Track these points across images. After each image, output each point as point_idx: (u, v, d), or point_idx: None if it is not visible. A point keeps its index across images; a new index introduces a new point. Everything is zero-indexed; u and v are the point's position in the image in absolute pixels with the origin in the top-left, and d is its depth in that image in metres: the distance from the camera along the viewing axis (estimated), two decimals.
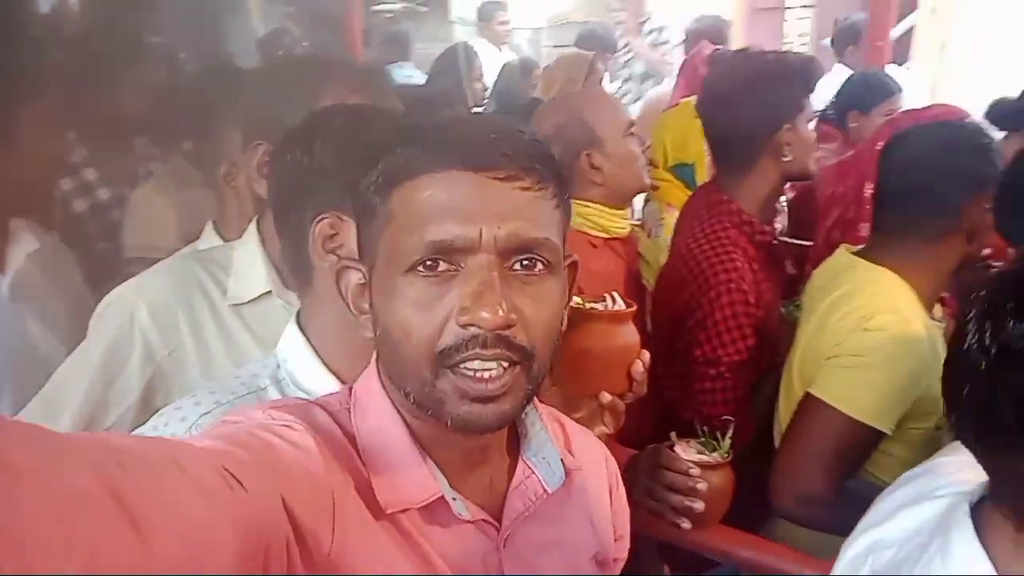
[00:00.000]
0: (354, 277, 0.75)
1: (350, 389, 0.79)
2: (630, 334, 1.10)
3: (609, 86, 4.48)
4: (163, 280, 1.26)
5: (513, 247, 0.68)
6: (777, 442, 1.55)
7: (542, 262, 0.70)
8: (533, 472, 0.82)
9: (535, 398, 0.92)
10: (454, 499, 0.74)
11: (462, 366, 0.67)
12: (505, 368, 0.68)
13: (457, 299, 0.67)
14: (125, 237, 1.99)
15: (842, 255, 1.56)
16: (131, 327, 1.21)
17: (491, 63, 4.46)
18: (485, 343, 0.66)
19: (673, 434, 1.31)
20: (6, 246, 1.49)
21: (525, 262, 0.69)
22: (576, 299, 1.08)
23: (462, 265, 0.68)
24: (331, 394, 0.79)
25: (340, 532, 0.66)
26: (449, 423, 0.69)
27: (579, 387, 1.09)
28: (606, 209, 1.74)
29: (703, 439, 1.30)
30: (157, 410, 0.97)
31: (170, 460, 0.52)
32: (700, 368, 1.65)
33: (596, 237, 1.75)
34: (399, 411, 0.75)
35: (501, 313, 0.66)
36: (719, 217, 1.72)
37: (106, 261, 2.03)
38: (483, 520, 0.76)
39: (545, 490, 0.82)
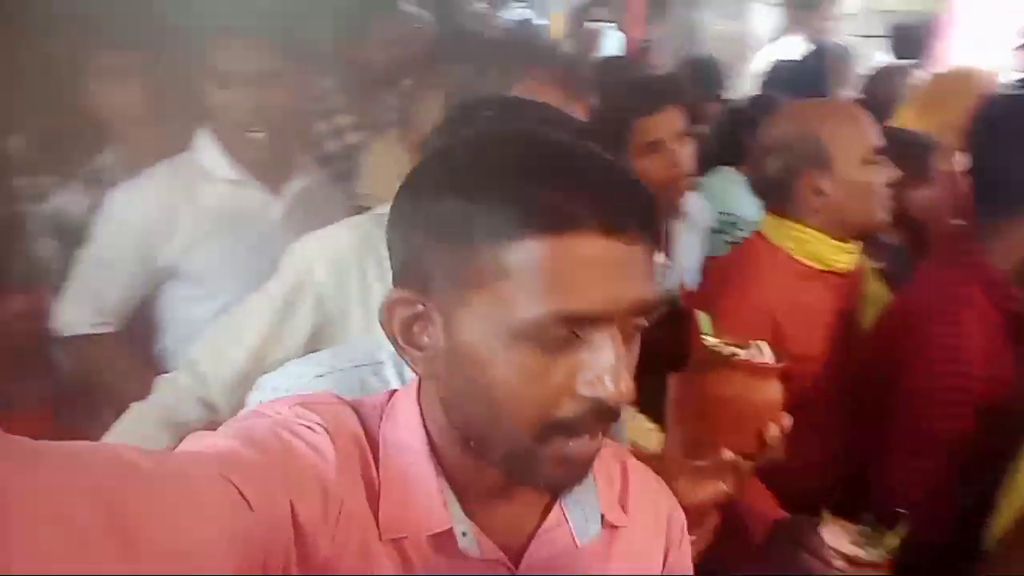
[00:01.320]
0: (404, 312, 0.67)
1: (391, 394, 0.76)
2: (771, 391, 0.98)
3: None
4: (345, 239, 1.31)
5: (638, 312, 0.64)
6: (987, 545, 1.31)
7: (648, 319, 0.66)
8: (567, 520, 0.76)
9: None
10: (464, 533, 0.70)
11: (573, 437, 0.64)
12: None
13: (578, 370, 0.63)
14: (358, 183, 2.14)
15: None
16: (309, 276, 1.29)
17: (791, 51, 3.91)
18: (605, 418, 0.64)
19: (825, 512, 1.15)
20: (287, 176, 1.66)
21: (638, 323, 0.65)
22: (715, 340, 0.98)
23: (583, 334, 0.63)
24: (372, 396, 0.77)
25: (340, 540, 0.64)
26: (540, 485, 0.68)
27: (702, 435, 0.99)
28: (824, 239, 1.55)
29: (866, 527, 1.12)
30: None
31: (176, 478, 0.52)
32: (899, 438, 1.43)
33: (808, 267, 1.57)
34: (428, 433, 0.71)
35: (626, 388, 0.62)
36: (960, 270, 1.46)
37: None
38: (497, 560, 0.72)
39: (575, 542, 0.75)
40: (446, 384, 0.68)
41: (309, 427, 0.66)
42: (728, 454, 0.96)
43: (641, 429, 1.51)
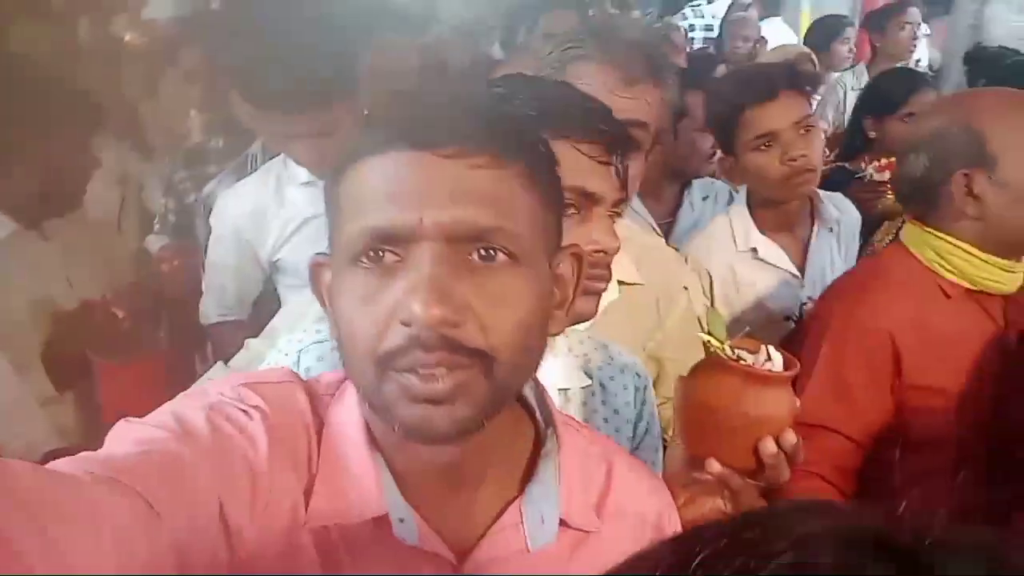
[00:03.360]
0: (327, 274, 0.69)
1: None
2: (771, 403, 0.85)
3: None
4: None
5: (463, 235, 0.59)
6: None
7: (503, 252, 0.60)
8: (522, 521, 0.69)
9: (587, 431, 0.79)
10: (402, 520, 0.66)
11: (405, 371, 0.60)
12: (450, 371, 0.59)
13: (400, 293, 0.59)
14: None
15: None
16: None
17: None
18: (427, 344, 0.58)
19: None
20: None
21: (483, 252, 0.60)
22: (716, 340, 0.86)
23: (403, 253, 0.60)
24: (331, 373, 0.75)
25: (264, 533, 0.63)
26: (398, 428, 0.62)
27: (693, 444, 0.90)
28: (977, 253, 1.31)
29: None
30: None
31: (73, 496, 0.51)
32: None
33: (953, 285, 1.33)
34: (365, 415, 0.69)
35: (437, 311, 0.57)
36: None
37: None
38: (437, 553, 0.66)
39: (527, 546, 0.69)
40: (337, 338, 0.67)
41: (245, 411, 0.65)
42: (715, 466, 0.85)
43: None
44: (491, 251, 0.60)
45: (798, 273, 1.72)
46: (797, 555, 0.32)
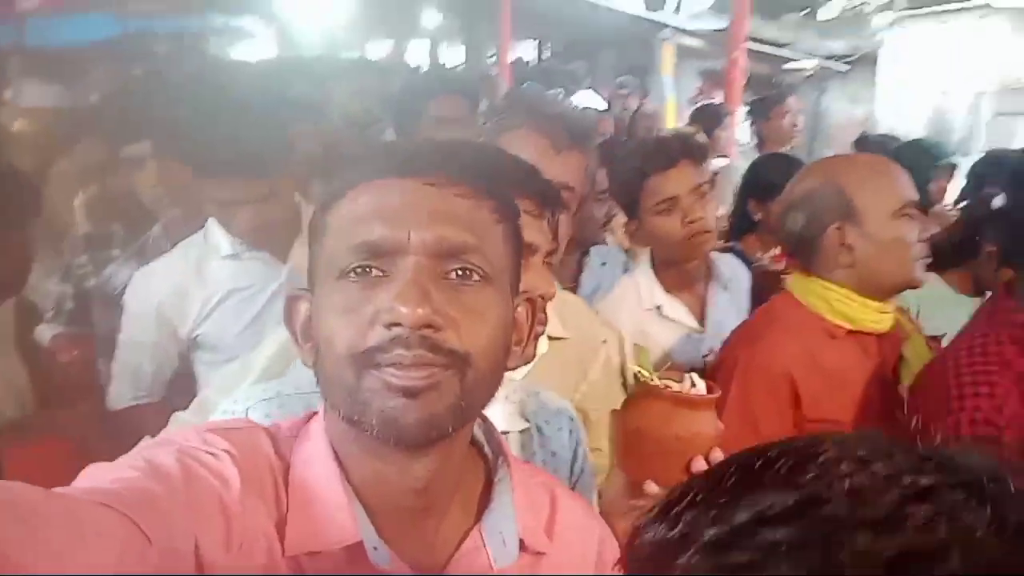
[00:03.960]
0: (303, 307, 0.73)
1: (310, 416, 0.78)
2: (700, 424, 0.93)
3: None
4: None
5: (444, 251, 0.66)
6: None
7: (478, 272, 0.67)
8: (484, 545, 0.74)
9: (528, 465, 0.85)
10: (375, 548, 0.69)
11: (385, 367, 0.64)
12: (428, 367, 0.64)
13: (384, 302, 0.65)
14: None
15: None
16: None
17: None
18: (408, 343, 0.63)
19: None
20: (289, 244, 1.75)
21: (460, 271, 0.67)
22: (645, 369, 0.95)
23: (388, 269, 0.66)
24: (291, 419, 0.79)
25: (241, 568, 0.64)
26: (375, 422, 0.65)
27: (631, 471, 0.96)
28: (855, 296, 1.47)
29: None
30: None
31: (67, 516, 0.52)
32: None
33: (836, 327, 1.49)
34: (335, 448, 0.72)
35: (421, 311, 0.63)
36: (996, 329, 1.34)
37: None
38: None
39: (491, 566, 0.73)
40: (315, 362, 0.71)
41: (213, 454, 0.67)
42: (653, 487, 0.92)
43: None
44: (467, 270, 0.67)
45: (700, 328, 1.85)
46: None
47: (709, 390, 0.96)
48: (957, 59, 7.33)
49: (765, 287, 1.94)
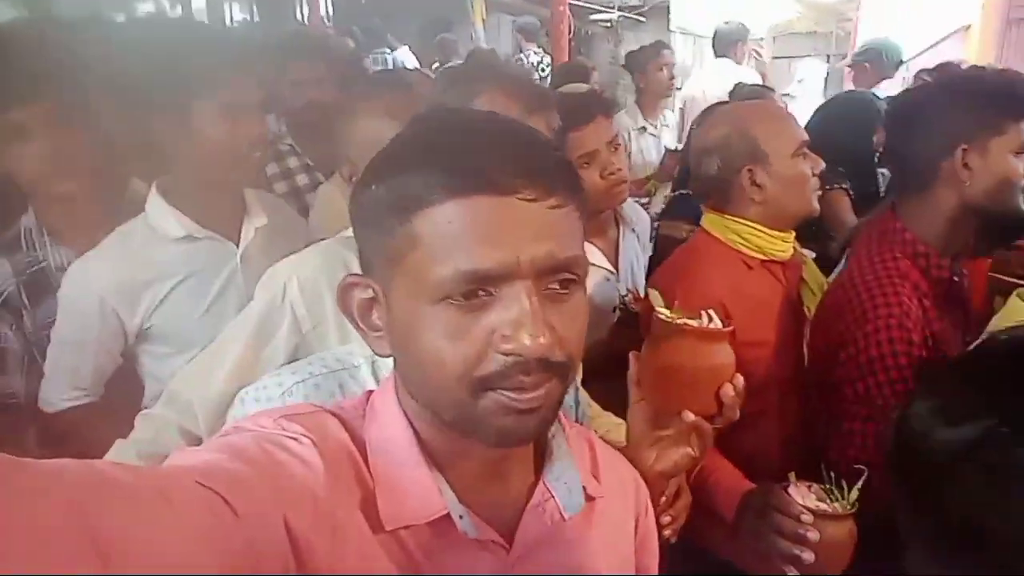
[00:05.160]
0: (362, 293, 0.74)
1: (368, 395, 0.79)
2: (722, 355, 1.04)
3: None
4: (314, 260, 1.35)
5: (549, 268, 0.67)
6: None
7: (576, 279, 0.70)
8: (552, 495, 0.79)
9: (563, 417, 0.88)
10: (461, 516, 0.72)
11: (503, 390, 0.67)
12: (542, 386, 0.67)
13: (494, 326, 0.66)
14: (310, 220, 2.16)
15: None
16: (283, 299, 1.31)
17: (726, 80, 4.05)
18: (527, 370, 0.66)
19: (791, 475, 1.21)
20: (240, 220, 1.65)
21: (560, 280, 0.69)
22: (667, 311, 1.04)
23: (495, 291, 0.66)
24: (350, 400, 0.80)
25: (338, 548, 0.66)
26: (491, 438, 0.68)
27: (663, 403, 1.05)
28: (765, 230, 1.65)
29: (827, 486, 1.19)
30: None
31: (157, 492, 0.53)
32: (851, 407, 1.51)
33: (752, 258, 1.66)
34: (411, 423, 0.74)
35: (543, 340, 0.65)
36: (890, 246, 1.57)
37: None
38: (492, 541, 0.74)
39: (562, 515, 0.79)
40: (396, 359, 0.73)
41: (295, 438, 0.68)
42: (690, 416, 1.02)
43: (611, 424, 1.56)
44: (568, 281, 0.69)
45: (613, 270, 1.98)
46: None
47: (724, 323, 1.07)
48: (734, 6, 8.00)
49: None
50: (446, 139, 0.68)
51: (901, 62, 4.04)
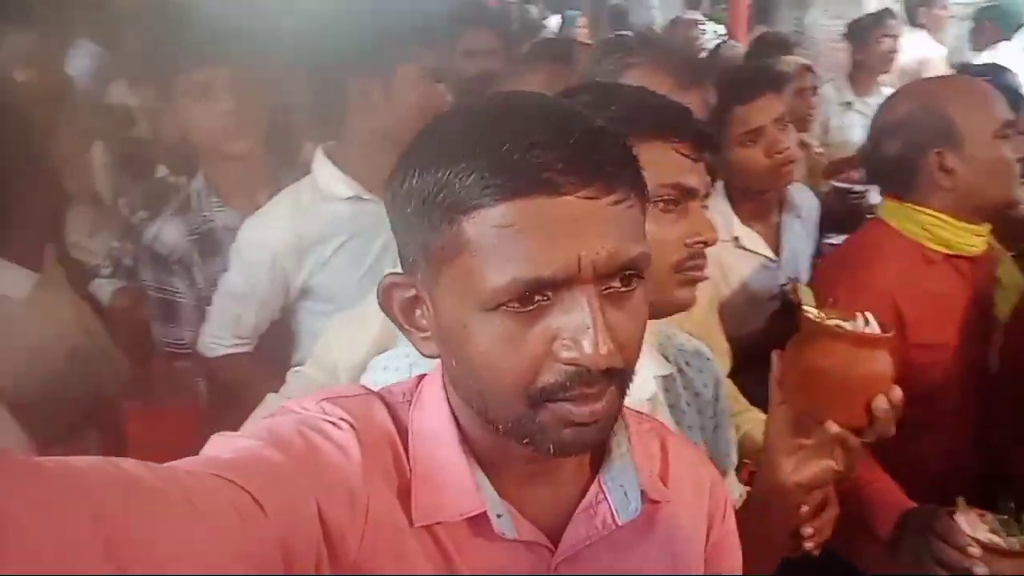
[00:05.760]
0: (404, 293, 0.69)
1: (420, 378, 0.76)
2: (878, 363, 0.93)
3: None
4: None
5: (614, 269, 0.62)
6: None
7: (638, 276, 0.64)
8: (606, 497, 0.73)
9: (634, 412, 0.82)
10: (499, 516, 0.68)
11: (564, 400, 0.62)
12: (603, 395, 0.63)
13: (554, 333, 0.61)
14: None
15: None
16: None
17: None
18: (590, 380, 0.61)
19: (960, 499, 1.08)
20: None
21: (623, 279, 0.63)
22: (815, 310, 0.94)
23: (553, 295, 0.61)
24: (400, 383, 0.77)
25: (370, 539, 0.64)
26: (551, 449, 0.64)
27: (807, 409, 0.96)
28: (952, 221, 1.47)
29: (1006, 516, 1.05)
30: None
31: (181, 495, 0.51)
32: None
33: (934, 252, 1.49)
34: (456, 417, 0.71)
35: (606, 349, 0.60)
36: None
37: None
38: (535, 542, 0.70)
39: (615, 520, 0.73)
40: (445, 362, 0.69)
41: (334, 423, 0.66)
42: (834, 427, 0.92)
43: (756, 419, 1.47)
44: (630, 278, 0.63)
45: (775, 257, 1.85)
46: None
47: (883, 327, 0.96)
48: None
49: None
50: (497, 132, 0.62)
51: (1021, 25, 3.69)
